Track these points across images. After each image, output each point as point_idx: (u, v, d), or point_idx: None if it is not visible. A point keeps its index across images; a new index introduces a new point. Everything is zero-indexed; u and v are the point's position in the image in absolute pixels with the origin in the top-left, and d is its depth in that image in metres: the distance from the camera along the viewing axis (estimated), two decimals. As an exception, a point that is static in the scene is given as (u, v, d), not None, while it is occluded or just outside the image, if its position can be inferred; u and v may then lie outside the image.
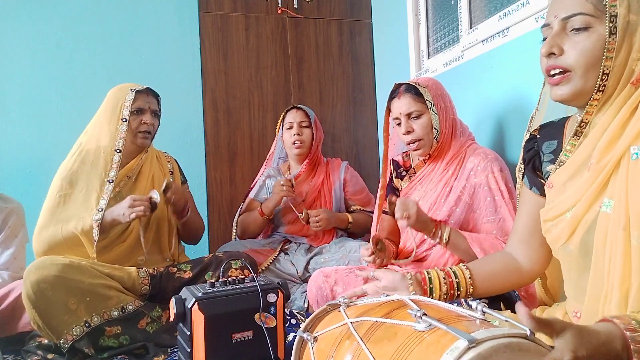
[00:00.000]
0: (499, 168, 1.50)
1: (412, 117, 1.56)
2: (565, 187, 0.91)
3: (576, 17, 0.85)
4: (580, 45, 0.85)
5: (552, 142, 1.00)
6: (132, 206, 1.59)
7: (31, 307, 1.42)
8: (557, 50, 0.87)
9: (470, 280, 1.06)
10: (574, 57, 0.86)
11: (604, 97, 0.86)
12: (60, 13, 2.53)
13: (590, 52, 0.84)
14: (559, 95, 0.89)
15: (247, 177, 2.71)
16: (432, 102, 1.54)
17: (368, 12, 2.98)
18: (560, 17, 0.87)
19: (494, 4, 1.89)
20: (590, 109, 0.87)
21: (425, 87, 1.55)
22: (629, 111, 0.83)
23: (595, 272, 0.86)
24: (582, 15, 0.84)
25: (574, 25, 0.85)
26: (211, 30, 2.73)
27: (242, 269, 1.69)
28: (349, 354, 0.77)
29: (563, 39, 0.87)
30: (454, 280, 1.06)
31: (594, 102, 0.86)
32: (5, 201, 1.84)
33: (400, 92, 1.58)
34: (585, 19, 0.84)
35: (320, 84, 2.90)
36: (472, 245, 1.40)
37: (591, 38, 0.84)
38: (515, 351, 0.61)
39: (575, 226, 0.88)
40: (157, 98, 1.84)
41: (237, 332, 1.24)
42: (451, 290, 1.06)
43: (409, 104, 1.55)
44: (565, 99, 0.89)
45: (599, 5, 0.83)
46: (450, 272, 1.08)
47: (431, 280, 1.06)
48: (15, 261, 1.79)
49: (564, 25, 0.87)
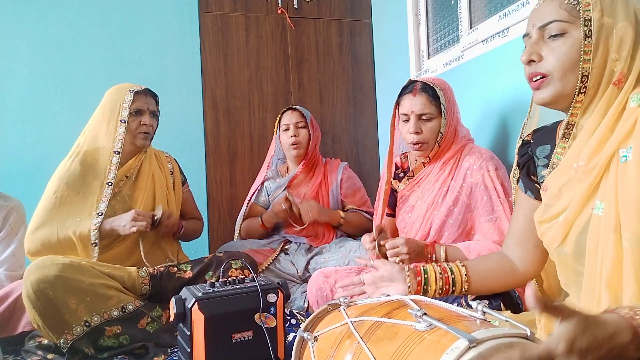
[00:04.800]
0: (495, 167, 1.49)
1: (422, 119, 1.53)
2: (560, 190, 0.92)
3: (552, 25, 0.89)
4: (557, 50, 0.89)
5: (546, 147, 1.01)
6: (134, 219, 1.60)
7: (31, 306, 1.42)
8: (536, 57, 0.91)
9: (465, 277, 1.09)
10: (551, 62, 0.89)
11: (587, 99, 0.88)
12: (60, 13, 2.53)
13: (566, 56, 0.87)
14: (541, 99, 0.93)
15: (247, 177, 2.71)
16: (445, 107, 1.53)
17: (368, 12, 2.97)
18: (537, 26, 0.91)
19: (494, 4, 1.89)
20: (575, 111, 0.90)
21: (442, 90, 1.53)
22: (616, 113, 0.84)
23: (588, 274, 0.86)
24: (557, 22, 0.88)
25: (551, 32, 0.89)
26: (211, 30, 2.73)
27: (242, 269, 1.69)
28: (349, 353, 0.77)
29: (541, 46, 0.91)
30: (450, 276, 1.08)
31: (577, 104, 0.89)
32: (5, 199, 1.84)
33: (415, 89, 1.54)
34: (561, 25, 0.88)
35: (320, 84, 2.90)
36: (469, 256, 1.41)
37: (567, 42, 0.87)
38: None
39: (568, 228, 0.89)
40: (155, 98, 1.84)
41: (237, 332, 1.24)
42: (446, 285, 1.08)
43: (424, 105, 1.52)
44: (547, 102, 0.93)
45: (573, 11, 0.87)
46: (447, 267, 1.10)
47: (427, 273, 1.09)
48: (14, 259, 1.79)
49: (541, 33, 0.91)
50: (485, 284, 1.11)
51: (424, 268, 1.09)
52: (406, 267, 1.09)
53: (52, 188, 1.67)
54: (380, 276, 1.10)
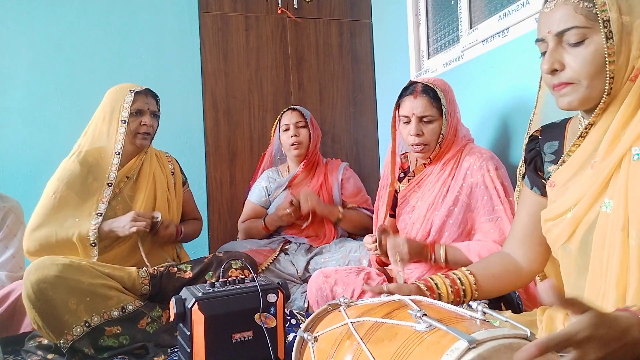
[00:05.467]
0: (495, 166, 1.49)
1: (424, 121, 1.53)
2: (567, 186, 0.91)
3: (571, 32, 0.85)
4: (581, 57, 0.85)
5: (554, 143, 1.01)
6: (134, 220, 1.60)
7: (31, 307, 1.42)
8: (558, 65, 0.88)
9: (475, 286, 1.07)
10: (577, 70, 0.86)
11: (609, 99, 0.86)
12: (60, 13, 2.53)
13: (591, 62, 0.84)
14: (567, 104, 0.89)
15: (247, 177, 2.71)
16: (446, 108, 1.53)
17: (368, 12, 2.97)
18: (553, 33, 0.88)
19: (494, 4, 1.89)
20: (598, 112, 0.88)
21: (442, 91, 1.53)
22: (629, 109, 0.84)
23: (594, 272, 0.86)
24: (576, 29, 0.85)
25: (569, 40, 0.86)
26: (211, 30, 2.73)
27: (242, 269, 1.69)
28: (349, 354, 0.77)
29: (561, 53, 0.88)
30: (460, 288, 1.06)
31: (602, 104, 0.87)
32: (3, 200, 1.83)
33: (416, 91, 1.53)
34: (580, 32, 0.85)
35: (320, 84, 2.90)
36: (469, 255, 1.41)
37: (589, 48, 0.84)
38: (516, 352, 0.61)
39: (575, 226, 0.89)
40: (155, 98, 1.84)
41: (237, 332, 1.24)
42: (457, 297, 1.06)
43: (425, 107, 1.51)
44: (574, 107, 0.90)
45: (590, 14, 0.84)
46: (456, 279, 1.07)
47: (439, 288, 1.05)
48: (14, 260, 1.79)
49: (559, 39, 0.88)
50: (493, 289, 1.10)
51: (435, 283, 1.06)
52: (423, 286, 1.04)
53: (51, 188, 1.66)
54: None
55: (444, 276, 1.08)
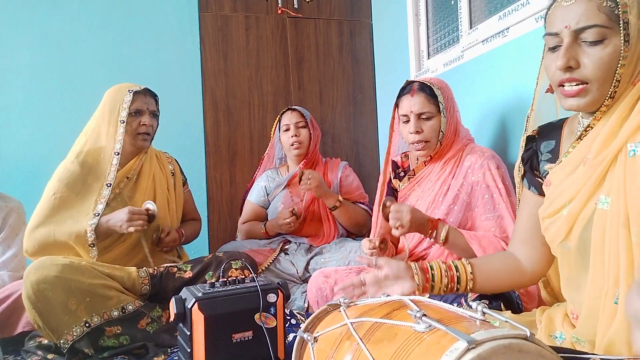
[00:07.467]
0: (496, 165, 1.50)
1: (422, 118, 1.54)
2: (563, 184, 0.91)
3: (592, 30, 0.83)
4: (597, 57, 0.83)
5: (550, 142, 1.01)
6: (130, 220, 1.60)
7: (31, 307, 1.42)
8: (574, 63, 0.85)
9: (471, 276, 1.06)
10: (591, 70, 0.84)
11: (611, 102, 0.86)
12: (60, 13, 2.52)
13: (607, 65, 0.83)
14: (575, 106, 0.88)
15: (247, 177, 2.71)
16: (444, 105, 1.53)
17: (368, 12, 2.97)
18: (572, 28, 0.85)
19: (494, 4, 1.89)
20: (599, 114, 0.87)
21: (439, 89, 1.54)
22: (627, 108, 0.84)
23: (595, 269, 0.86)
24: (597, 28, 0.82)
25: (588, 38, 0.84)
26: (211, 30, 2.73)
27: (242, 269, 1.68)
28: (349, 354, 0.77)
29: (577, 51, 0.85)
30: (455, 274, 1.06)
31: (604, 107, 0.86)
32: (5, 200, 1.84)
33: (413, 89, 1.55)
34: (601, 31, 0.82)
35: (320, 84, 2.90)
36: (470, 243, 1.39)
37: (607, 50, 0.83)
38: (515, 352, 0.61)
39: (572, 223, 0.89)
40: (155, 98, 1.84)
41: (237, 332, 1.24)
42: (452, 283, 1.06)
43: (422, 104, 1.53)
44: (581, 110, 0.89)
45: (612, 14, 0.82)
46: (452, 265, 1.08)
47: (433, 269, 1.06)
48: (16, 259, 1.79)
49: (576, 36, 0.85)
50: (490, 283, 1.09)
51: (429, 265, 1.07)
52: (413, 264, 1.06)
53: (51, 189, 1.66)
54: (385, 275, 1.06)
55: (440, 261, 1.09)
